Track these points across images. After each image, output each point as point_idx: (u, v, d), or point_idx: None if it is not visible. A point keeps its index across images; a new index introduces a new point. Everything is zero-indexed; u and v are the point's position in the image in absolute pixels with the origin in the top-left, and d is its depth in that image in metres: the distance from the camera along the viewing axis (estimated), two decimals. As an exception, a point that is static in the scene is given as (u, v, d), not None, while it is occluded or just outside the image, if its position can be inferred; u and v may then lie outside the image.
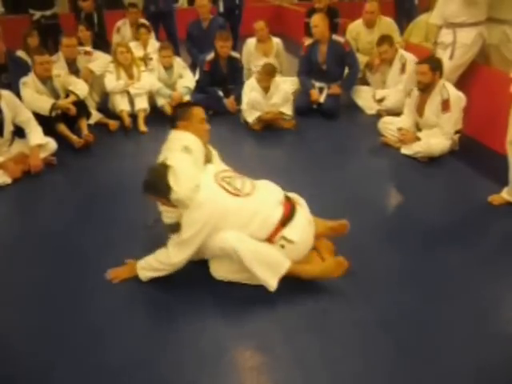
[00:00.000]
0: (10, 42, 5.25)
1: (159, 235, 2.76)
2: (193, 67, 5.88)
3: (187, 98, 5.15)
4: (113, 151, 4.52)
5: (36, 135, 4.05)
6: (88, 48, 5.29)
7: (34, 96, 4.33)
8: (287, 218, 2.60)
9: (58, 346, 2.29)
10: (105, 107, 5.27)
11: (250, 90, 4.81)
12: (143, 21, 6.38)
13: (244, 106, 4.83)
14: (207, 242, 2.54)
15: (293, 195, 2.86)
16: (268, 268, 2.50)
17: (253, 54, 5.69)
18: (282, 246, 2.57)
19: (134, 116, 5.01)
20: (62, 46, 4.98)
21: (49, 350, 2.27)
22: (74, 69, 5.01)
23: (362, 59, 5.49)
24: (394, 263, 2.85)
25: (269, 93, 4.78)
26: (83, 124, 4.55)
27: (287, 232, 2.57)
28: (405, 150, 4.18)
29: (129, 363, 2.19)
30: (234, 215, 2.52)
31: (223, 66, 5.25)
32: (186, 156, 2.63)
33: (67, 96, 4.55)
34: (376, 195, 3.65)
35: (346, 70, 5.28)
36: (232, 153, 4.22)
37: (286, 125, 4.83)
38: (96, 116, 5.00)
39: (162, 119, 5.03)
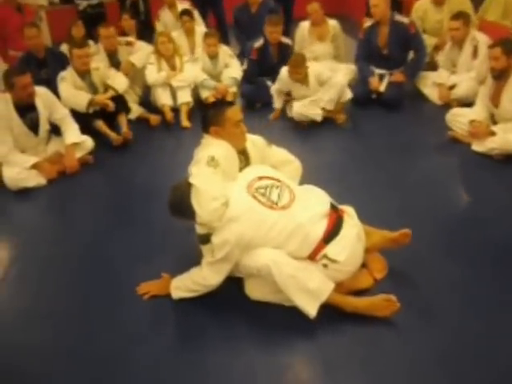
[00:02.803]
0: (58, 35, 5.34)
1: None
2: (242, 56, 5.69)
3: (233, 89, 5.04)
4: (153, 148, 4.47)
5: (72, 133, 4.07)
6: (130, 38, 5.26)
7: (71, 92, 4.36)
8: (331, 232, 2.40)
9: (69, 362, 2.26)
10: (147, 101, 5.23)
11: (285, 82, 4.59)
12: (186, 6, 6.14)
13: (272, 90, 4.70)
14: (241, 259, 2.39)
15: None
16: (307, 294, 2.31)
17: (306, 38, 5.43)
18: (325, 266, 2.37)
19: (176, 110, 4.93)
20: (101, 37, 4.98)
21: (58, 364, 2.26)
22: (115, 61, 5.01)
23: (429, 41, 5.12)
24: (457, 283, 2.56)
25: (309, 85, 4.52)
26: (122, 120, 4.53)
27: (331, 250, 2.38)
28: (477, 147, 3.80)
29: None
30: (270, 232, 2.35)
31: (273, 54, 5.06)
32: (211, 170, 2.45)
33: (106, 91, 4.56)
34: (440, 200, 3.32)
35: (411, 55, 4.91)
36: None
37: (338, 120, 4.57)
38: (137, 111, 4.98)
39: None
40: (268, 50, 5.05)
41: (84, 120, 4.34)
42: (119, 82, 4.58)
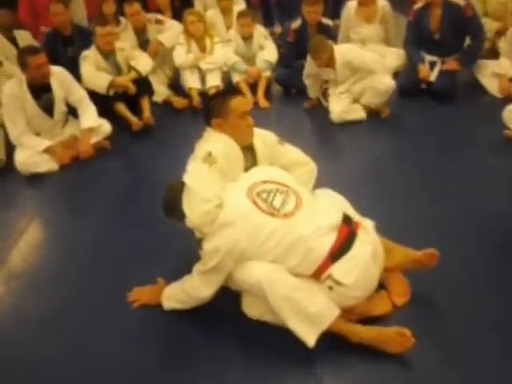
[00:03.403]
0: (94, 12, 5.16)
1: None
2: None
3: (267, 73, 4.67)
4: (176, 135, 4.19)
5: (88, 117, 3.88)
6: (160, 16, 4.97)
7: (92, 72, 4.15)
8: (340, 249, 2.04)
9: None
10: (177, 83, 4.94)
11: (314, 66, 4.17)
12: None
13: (304, 79, 4.30)
14: (233, 271, 2.10)
15: (356, 215, 2.28)
16: (305, 320, 1.99)
17: (353, 19, 4.95)
18: (330, 288, 2.03)
19: (205, 94, 4.60)
20: (126, 15, 4.74)
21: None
22: (143, 39, 4.77)
23: (491, 26, 4.57)
24: (497, 323, 2.13)
25: (337, 69, 4.07)
26: (145, 104, 4.28)
27: (337, 270, 2.03)
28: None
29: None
30: (267, 241, 2.03)
31: (311, 36, 4.60)
32: (205, 168, 2.17)
33: (130, 72, 4.30)
34: (487, 213, 2.85)
35: (468, 41, 4.38)
36: (308, 141, 3.78)
37: (381, 113, 4.13)
38: (164, 93, 4.72)
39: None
40: (306, 32, 4.63)
41: (104, 102, 4.13)
42: (143, 63, 4.32)
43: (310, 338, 1.98)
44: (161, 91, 4.66)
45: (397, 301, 2.23)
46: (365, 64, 4.03)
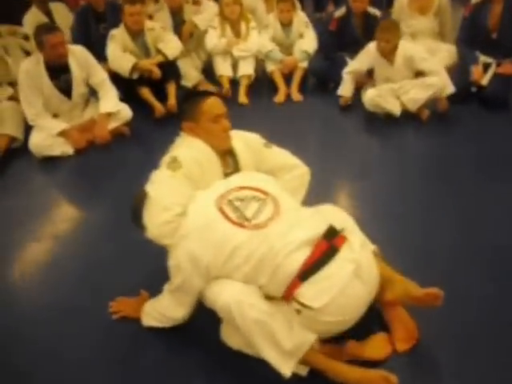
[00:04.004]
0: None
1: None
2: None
3: (303, 64, 4.36)
4: None
5: (108, 101, 3.72)
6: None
7: (117, 53, 3.99)
8: (312, 267, 1.75)
9: None
10: (212, 69, 4.69)
11: (368, 57, 3.87)
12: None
13: (344, 71, 3.96)
14: (204, 290, 1.85)
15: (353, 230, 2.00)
16: (278, 347, 1.73)
17: (405, 10, 4.55)
18: (298, 312, 1.75)
19: (236, 82, 4.42)
20: (161, -7, 4.54)
21: None
22: (178, 20, 4.54)
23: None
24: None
25: (395, 60, 3.76)
26: (171, 90, 4.09)
27: (305, 291, 1.74)
28: None
29: None
30: (233, 256, 1.78)
31: (356, 26, 4.29)
32: (168, 174, 1.99)
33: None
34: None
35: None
36: (336, 141, 3.54)
37: (421, 115, 3.76)
38: (196, 78, 4.51)
39: (269, 89, 4.42)
40: (350, 21, 4.29)
41: (128, 86, 3.99)
42: (171, 46, 4.12)
43: (284, 366, 1.74)
44: (192, 76, 4.46)
45: (399, 346, 1.93)
46: (425, 62, 3.72)
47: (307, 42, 4.41)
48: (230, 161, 2.15)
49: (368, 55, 3.89)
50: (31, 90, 3.54)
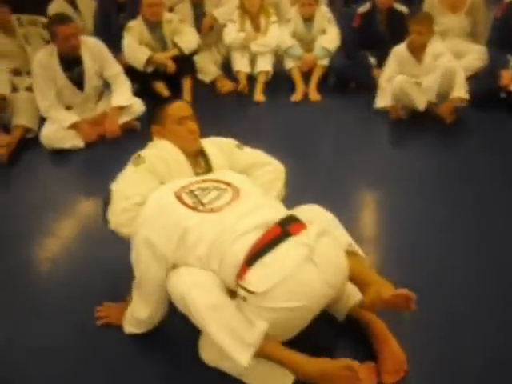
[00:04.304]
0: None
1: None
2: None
3: (324, 62, 4.20)
4: (215, 121, 3.80)
5: (120, 95, 3.67)
6: (219, -12, 4.60)
7: (133, 45, 3.94)
8: (259, 251, 1.66)
9: None
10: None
11: (397, 56, 3.69)
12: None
13: (381, 81, 3.74)
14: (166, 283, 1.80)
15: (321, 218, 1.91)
16: (232, 335, 1.64)
17: (436, 7, 4.31)
18: (244, 299, 1.65)
19: (253, 78, 4.29)
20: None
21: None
22: (199, 12, 4.43)
23: None
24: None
25: (424, 59, 3.59)
26: (186, 85, 4.04)
27: (249, 276, 1.64)
28: None
29: None
30: (185, 239, 1.73)
31: (381, 23, 4.10)
32: (132, 169, 2.04)
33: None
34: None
35: None
36: (348, 150, 3.39)
37: (445, 115, 3.55)
38: (214, 72, 4.41)
39: (287, 87, 4.26)
40: (375, 18, 4.10)
41: (144, 79, 3.94)
42: (188, 40, 4.04)
43: (241, 357, 1.62)
44: (210, 70, 4.37)
45: (386, 379, 1.83)
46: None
47: (329, 38, 4.23)
48: (201, 162, 2.16)
49: (395, 57, 3.71)
50: (44, 82, 3.52)
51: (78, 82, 3.62)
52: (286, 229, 1.72)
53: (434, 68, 3.60)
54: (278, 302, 1.63)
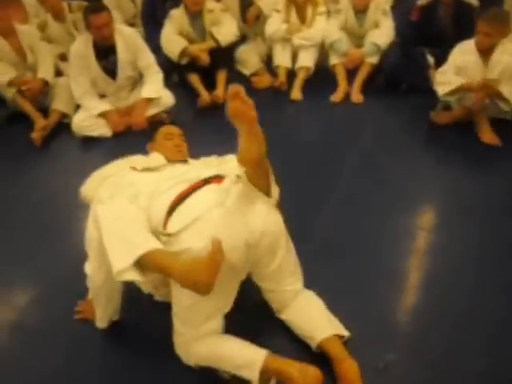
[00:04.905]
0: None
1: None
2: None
3: (372, 60, 3.82)
4: None
5: (150, 86, 3.64)
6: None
7: (170, 35, 3.86)
8: (179, 200, 1.79)
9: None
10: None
11: (463, 54, 3.25)
12: None
13: (438, 75, 3.30)
14: None
15: None
16: (124, 244, 1.65)
17: None
18: (164, 244, 1.71)
19: (293, 74, 4.02)
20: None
21: None
22: (246, 2, 4.19)
23: None
24: None
25: (491, 61, 3.13)
26: (221, 79, 3.90)
27: (170, 223, 1.73)
28: None
29: None
30: (126, 190, 1.86)
31: (443, 17, 3.62)
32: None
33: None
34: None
35: None
36: (383, 166, 3.08)
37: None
38: (256, 65, 4.20)
39: (329, 85, 3.92)
40: (437, 11, 3.63)
41: (179, 71, 3.87)
42: (225, 32, 3.87)
43: (120, 262, 1.61)
44: (252, 63, 4.17)
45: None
46: None
47: (381, 33, 3.82)
48: None
49: (462, 52, 3.27)
50: (80, 69, 3.58)
51: (111, 72, 3.62)
52: (208, 181, 1.88)
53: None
54: (190, 242, 1.67)
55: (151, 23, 4.24)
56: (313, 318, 1.90)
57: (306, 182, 2.90)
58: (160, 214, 1.75)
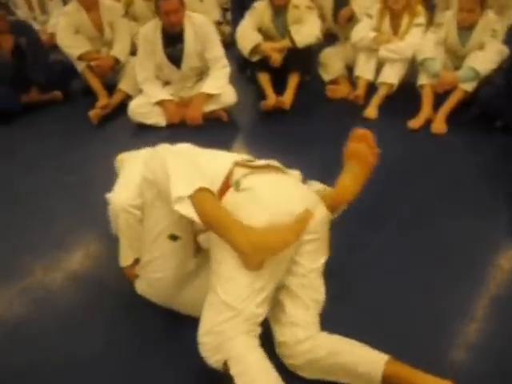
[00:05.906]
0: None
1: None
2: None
3: (467, 87, 3.22)
4: (307, 131, 3.35)
5: (213, 81, 3.44)
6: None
7: (246, 30, 3.60)
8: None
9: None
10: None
11: None
12: None
13: None
14: None
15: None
16: (189, 177, 1.59)
17: None
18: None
19: (374, 88, 3.58)
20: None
21: None
22: (341, 2, 3.78)
23: None
24: None
25: None
26: (292, 83, 3.61)
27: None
28: None
29: None
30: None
31: None
32: None
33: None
34: None
35: None
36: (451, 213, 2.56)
37: None
38: (337, 71, 3.80)
39: (411, 107, 3.41)
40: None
41: (250, 68, 3.60)
42: (306, 33, 3.51)
43: (181, 189, 1.54)
44: (334, 68, 3.79)
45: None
46: None
47: (483, 57, 3.21)
48: None
49: None
50: (146, 54, 3.46)
51: (176, 60, 3.45)
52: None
53: None
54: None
55: (238, 9, 4.00)
56: (355, 351, 1.57)
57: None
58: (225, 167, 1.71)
